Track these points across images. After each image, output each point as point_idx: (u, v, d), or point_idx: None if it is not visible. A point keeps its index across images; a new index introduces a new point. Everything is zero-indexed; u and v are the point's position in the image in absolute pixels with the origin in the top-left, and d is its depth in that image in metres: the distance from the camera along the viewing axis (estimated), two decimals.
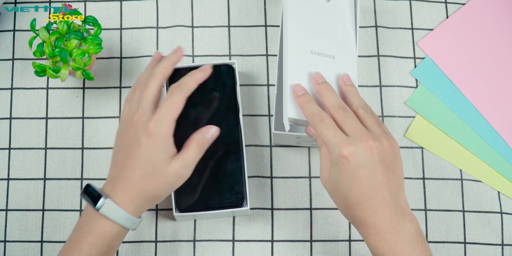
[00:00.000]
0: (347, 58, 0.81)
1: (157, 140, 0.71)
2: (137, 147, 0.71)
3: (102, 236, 0.71)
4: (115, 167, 0.73)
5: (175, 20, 0.91)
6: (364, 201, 0.68)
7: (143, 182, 0.71)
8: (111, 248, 0.72)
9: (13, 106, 0.89)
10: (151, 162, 0.71)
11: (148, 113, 0.72)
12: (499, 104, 0.89)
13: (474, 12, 0.92)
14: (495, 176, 0.87)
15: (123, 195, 0.71)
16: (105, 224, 0.71)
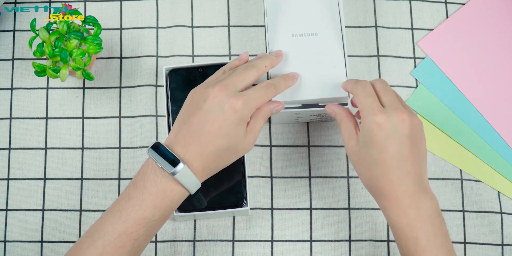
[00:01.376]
0: (331, 33, 0.81)
1: (240, 118, 0.71)
2: (218, 117, 0.71)
3: (168, 199, 0.70)
4: (186, 129, 0.71)
5: (175, 20, 0.91)
6: (389, 172, 0.69)
7: (220, 154, 0.71)
8: (171, 210, 0.71)
9: (13, 106, 0.89)
10: (229, 137, 0.71)
11: (236, 90, 0.72)
12: (499, 104, 0.89)
13: (474, 12, 0.92)
14: (495, 176, 0.87)
15: (198, 163, 0.70)
16: (175, 189, 0.70)
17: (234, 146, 0.72)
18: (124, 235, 0.68)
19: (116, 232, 0.69)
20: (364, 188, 0.86)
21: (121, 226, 0.69)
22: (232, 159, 0.73)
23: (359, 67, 0.89)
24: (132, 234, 0.69)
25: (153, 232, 0.71)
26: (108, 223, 0.69)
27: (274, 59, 0.78)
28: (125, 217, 0.69)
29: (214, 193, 0.80)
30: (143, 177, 0.70)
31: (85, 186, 0.86)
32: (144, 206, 0.69)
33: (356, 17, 0.91)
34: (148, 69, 0.89)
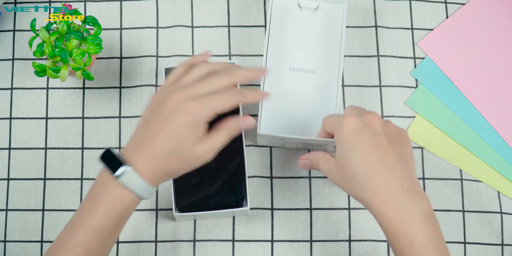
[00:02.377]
0: (329, 71, 0.82)
1: (193, 122, 0.68)
2: (172, 121, 0.68)
3: (118, 205, 0.68)
4: (142, 133, 0.70)
5: (175, 20, 0.91)
6: (372, 169, 0.67)
7: (168, 157, 0.68)
8: (123, 218, 0.69)
9: (13, 106, 0.89)
10: (181, 140, 0.68)
11: (196, 94, 0.69)
12: (499, 104, 0.89)
13: (474, 12, 0.92)
14: (495, 176, 0.87)
15: (146, 165, 0.68)
16: (122, 193, 0.68)
17: (185, 150, 0.68)
18: (77, 247, 0.67)
19: (69, 245, 0.67)
20: None
21: (74, 238, 0.67)
22: (183, 165, 0.69)
23: (359, 67, 0.89)
24: (84, 246, 0.67)
25: (108, 242, 0.69)
26: (63, 236, 0.69)
27: (256, 72, 0.73)
28: (77, 229, 0.68)
29: (214, 193, 0.80)
30: (95, 186, 0.69)
31: (85, 186, 0.86)
32: (94, 215, 0.68)
33: (356, 17, 0.91)
34: (148, 69, 0.89)
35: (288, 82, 0.83)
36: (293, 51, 0.84)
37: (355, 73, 0.89)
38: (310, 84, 0.83)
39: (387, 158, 0.68)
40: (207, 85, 0.69)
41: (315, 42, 0.85)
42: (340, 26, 0.85)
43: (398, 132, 0.71)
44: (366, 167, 0.68)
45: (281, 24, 0.85)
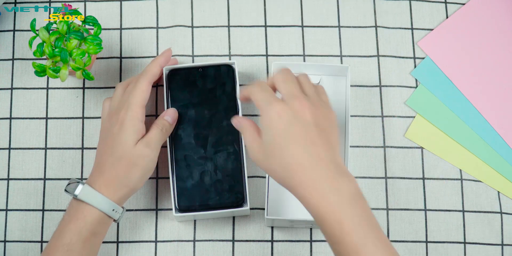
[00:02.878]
0: None
1: (125, 125, 0.76)
2: (110, 137, 0.77)
3: (82, 221, 0.73)
4: (95, 160, 0.78)
5: (175, 20, 0.91)
6: (301, 158, 0.67)
7: (115, 167, 0.75)
8: (92, 234, 0.74)
9: (13, 106, 0.89)
10: (120, 147, 0.75)
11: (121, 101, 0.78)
12: (499, 104, 0.89)
13: (474, 12, 0.92)
14: (495, 176, 0.87)
15: (99, 182, 0.75)
16: (84, 209, 0.74)
17: (125, 154, 0.75)
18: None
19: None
20: (363, 189, 0.85)
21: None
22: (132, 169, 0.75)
23: (359, 67, 0.89)
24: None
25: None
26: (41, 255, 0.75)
27: (160, 57, 0.82)
28: (48, 247, 0.74)
29: (214, 193, 0.80)
30: (66, 211, 0.76)
31: None
32: (62, 232, 0.74)
33: (356, 17, 0.91)
34: None
35: None
36: None
37: (355, 73, 0.89)
38: None
39: (315, 148, 0.68)
40: (129, 90, 0.79)
41: None
42: (343, 99, 0.84)
43: (325, 115, 0.71)
44: (295, 158, 0.68)
45: None
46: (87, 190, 0.74)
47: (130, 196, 0.78)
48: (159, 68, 0.81)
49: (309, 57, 0.90)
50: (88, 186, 0.75)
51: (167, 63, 0.82)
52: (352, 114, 0.88)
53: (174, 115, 0.80)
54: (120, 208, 0.76)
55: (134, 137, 0.76)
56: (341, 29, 0.91)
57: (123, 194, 0.76)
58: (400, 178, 0.86)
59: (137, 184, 0.77)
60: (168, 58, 0.82)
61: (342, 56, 0.90)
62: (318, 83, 0.84)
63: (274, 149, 0.69)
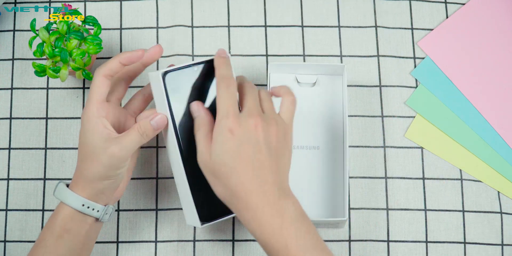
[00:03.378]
0: (334, 146, 0.82)
1: (89, 123, 0.73)
2: (80, 136, 0.74)
3: (54, 218, 0.73)
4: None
5: (175, 20, 0.91)
6: (247, 181, 0.67)
7: (82, 165, 0.73)
8: (64, 231, 0.73)
9: (13, 106, 0.89)
10: (86, 145, 0.73)
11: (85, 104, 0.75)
12: (499, 104, 0.89)
13: (474, 12, 0.92)
14: (495, 176, 0.87)
15: (73, 179, 0.74)
16: (58, 206, 0.74)
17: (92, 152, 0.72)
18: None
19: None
20: (363, 188, 0.86)
21: (31, 252, 0.74)
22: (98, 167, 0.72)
23: (359, 67, 0.89)
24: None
25: (50, 254, 0.73)
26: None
27: (133, 53, 0.75)
28: (31, 247, 0.74)
29: None
30: None
31: None
32: (42, 230, 0.74)
33: (356, 17, 0.91)
34: (148, 69, 0.89)
35: (293, 161, 0.79)
36: (296, 129, 0.81)
37: (355, 73, 0.89)
38: (315, 161, 0.82)
39: (262, 171, 0.68)
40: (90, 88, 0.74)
41: (317, 117, 0.83)
42: (341, 99, 0.84)
43: (279, 134, 0.70)
44: (241, 181, 0.67)
45: None
46: (60, 188, 0.74)
47: (107, 192, 0.74)
48: (117, 63, 0.74)
49: (309, 57, 0.90)
50: (62, 184, 0.74)
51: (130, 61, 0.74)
52: (352, 114, 0.88)
53: (161, 122, 0.73)
54: (95, 205, 0.73)
55: (100, 136, 0.72)
56: (341, 29, 0.91)
57: (92, 190, 0.73)
58: (400, 178, 0.86)
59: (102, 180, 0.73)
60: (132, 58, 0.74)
61: (342, 56, 0.90)
62: (314, 83, 0.84)
63: (220, 167, 0.68)
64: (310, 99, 0.84)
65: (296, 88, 0.84)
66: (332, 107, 0.84)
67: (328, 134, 0.83)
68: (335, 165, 0.82)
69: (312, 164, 0.81)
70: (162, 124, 0.74)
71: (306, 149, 0.82)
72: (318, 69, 0.84)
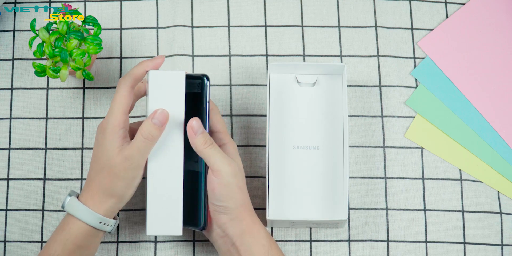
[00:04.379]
0: (334, 146, 0.82)
1: (106, 134, 0.72)
2: (95, 146, 0.74)
3: (67, 233, 0.72)
4: (88, 173, 0.76)
5: (175, 20, 0.91)
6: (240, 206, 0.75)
7: (98, 177, 0.72)
8: (77, 247, 0.72)
9: (13, 106, 0.89)
10: (101, 157, 0.72)
11: (108, 114, 0.74)
12: (499, 104, 0.89)
13: (474, 12, 0.92)
14: (495, 176, 0.87)
15: (86, 193, 0.73)
16: (70, 221, 0.72)
17: (107, 164, 0.71)
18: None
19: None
20: (362, 188, 0.86)
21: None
22: (115, 180, 0.71)
23: (359, 67, 0.89)
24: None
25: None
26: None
27: (148, 61, 0.75)
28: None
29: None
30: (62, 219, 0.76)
31: None
32: (49, 243, 0.73)
33: (356, 17, 0.91)
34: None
35: (293, 161, 0.81)
36: (296, 128, 0.82)
37: (355, 73, 0.89)
38: (315, 161, 0.82)
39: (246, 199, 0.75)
40: (115, 99, 0.73)
41: (317, 117, 0.83)
42: (341, 99, 0.84)
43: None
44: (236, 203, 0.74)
45: (281, 101, 0.83)
46: (73, 202, 0.72)
47: (120, 207, 0.74)
48: (143, 71, 0.74)
49: (309, 57, 0.90)
50: (74, 198, 0.73)
51: (155, 68, 0.75)
52: (352, 114, 0.88)
53: (162, 117, 0.71)
54: (110, 220, 0.73)
55: (115, 145, 0.71)
56: (341, 29, 0.91)
57: (109, 205, 0.73)
58: (399, 178, 0.86)
59: (123, 194, 0.73)
60: (157, 65, 0.75)
61: (342, 56, 0.90)
62: (314, 82, 0.84)
63: (223, 197, 0.74)
64: (310, 99, 0.84)
65: (296, 88, 0.84)
66: (332, 107, 0.84)
67: (328, 134, 0.83)
68: (335, 165, 0.82)
69: (312, 164, 0.81)
70: (164, 119, 0.71)
71: (306, 149, 0.82)
72: (318, 69, 0.84)
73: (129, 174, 0.71)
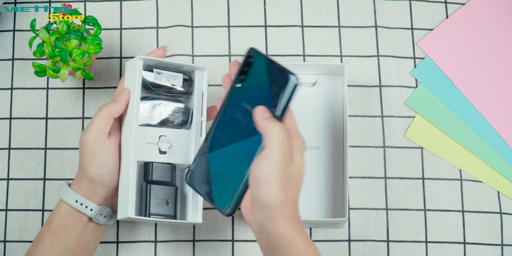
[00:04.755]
0: (334, 146, 0.81)
1: (90, 123, 0.76)
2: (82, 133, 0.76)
3: (53, 214, 0.76)
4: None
5: (175, 20, 0.91)
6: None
7: (83, 160, 0.75)
8: (61, 228, 0.74)
9: (13, 106, 0.89)
10: (82, 145, 0.75)
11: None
12: (499, 104, 0.89)
13: (474, 12, 0.92)
14: (495, 176, 0.87)
15: (76, 179, 0.76)
16: (57, 204, 0.76)
17: (92, 148, 0.74)
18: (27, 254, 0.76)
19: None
20: (362, 189, 0.86)
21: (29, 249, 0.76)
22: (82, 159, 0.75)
23: (359, 67, 0.90)
24: (29, 254, 0.75)
25: (50, 252, 0.74)
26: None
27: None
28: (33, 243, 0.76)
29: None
30: None
31: None
32: (42, 228, 0.76)
33: (356, 17, 0.91)
34: None
35: None
36: None
37: (355, 73, 0.89)
38: (315, 161, 0.81)
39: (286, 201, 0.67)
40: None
41: (317, 117, 0.83)
42: (341, 99, 0.84)
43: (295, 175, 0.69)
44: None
45: None
46: (62, 186, 0.76)
47: (96, 190, 0.75)
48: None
49: (309, 57, 0.90)
50: (65, 182, 0.77)
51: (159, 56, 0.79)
52: (352, 114, 0.88)
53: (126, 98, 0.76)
54: (89, 203, 0.75)
55: (91, 132, 0.75)
56: (341, 29, 0.91)
57: (84, 186, 0.75)
58: (399, 178, 0.86)
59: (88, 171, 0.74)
60: (160, 55, 0.79)
61: (342, 56, 0.90)
62: (314, 82, 0.84)
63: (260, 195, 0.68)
64: (310, 99, 0.84)
65: None
66: (332, 107, 0.84)
67: (328, 134, 0.83)
68: (335, 165, 0.82)
69: (312, 164, 0.81)
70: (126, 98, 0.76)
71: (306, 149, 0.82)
72: (318, 69, 0.84)
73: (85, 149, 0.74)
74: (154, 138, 0.77)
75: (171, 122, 0.78)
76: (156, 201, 0.76)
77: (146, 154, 0.76)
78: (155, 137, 0.77)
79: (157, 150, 0.77)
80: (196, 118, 0.78)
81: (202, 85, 0.79)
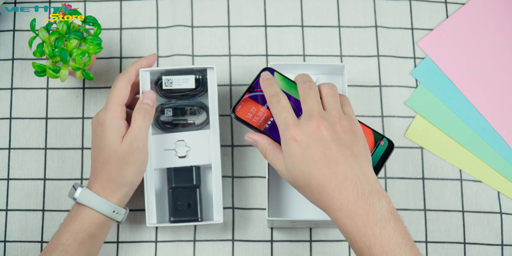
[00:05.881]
0: None
1: (106, 125, 0.75)
2: (95, 139, 0.76)
3: (79, 223, 0.74)
4: (91, 163, 0.78)
5: (175, 20, 0.91)
6: (325, 181, 0.65)
7: (106, 168, 0.75)
8: (89, 237, 0.74)
9: (13, 106, 0.89)
10: (106, 147, 0.75)
11: (104, 107, 0.77)
12: (499, 104, 0.89)
13: (474, 12, 0.92)
14: (495, 176, 0.87)
15: (95, 184, 0.75)
16: (83, 211, 0.75)
17: (113, 153, 0.74)
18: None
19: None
20: None
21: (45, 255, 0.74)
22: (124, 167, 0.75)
23: (359, 67, 0.90)
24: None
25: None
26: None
27: (142, 60, 0.81)
28: (46, 247, 0.75)
29: None
30: (69, 212, 0.77)
31: None
32: (60, 233, 0.75)
33: (356, 17, 0.91)
34: None
35: None
36: None
37: (355, 73, 0.89)
38: None
39: (338, 167, 0.66)
40: (112, 92, 0.78)
41: None
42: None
43: (346, 130, 0.68)
44: (319, 180, 0.66)
45: None
46: (86, 193, 0.75)
47: (130, 195, 0.77)
48: (136, 70, 0.80)
49: (309, 57, 0.90)
50: (87, 189, 0.75)
51: (149, 66, 0.81)
52: None
53: (152, 96, 0.78)
54: (122, 209, 0.76)
55: (117, 135, 0.75)
56: (341, 29, 0.91)
57: (122, 194, 0.76)
58: (399, 178, 0.86)
59: (134, 180, 0.76)
60: (151, 63, 0.81)
61: (342, 56, 0.90)
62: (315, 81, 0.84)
63: (298, 177, 0.67)
64: None
65: None
66: None
67: None
68: None
69: None
70: (153, 97, 0.78)
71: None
72: (318, 69, 0.84)
73: (138, 158, 0.75)
74: (171, 144, 0.81)
75: (192, 124, 0.82)
76: (178, 206, 0.80)
77: (167, 161, 0.80)
78: (172, 144, 0.81)
79: (176, 155, 0.80)
80: (211, 117, 0.81)
81: (212, 84, 0.81)
